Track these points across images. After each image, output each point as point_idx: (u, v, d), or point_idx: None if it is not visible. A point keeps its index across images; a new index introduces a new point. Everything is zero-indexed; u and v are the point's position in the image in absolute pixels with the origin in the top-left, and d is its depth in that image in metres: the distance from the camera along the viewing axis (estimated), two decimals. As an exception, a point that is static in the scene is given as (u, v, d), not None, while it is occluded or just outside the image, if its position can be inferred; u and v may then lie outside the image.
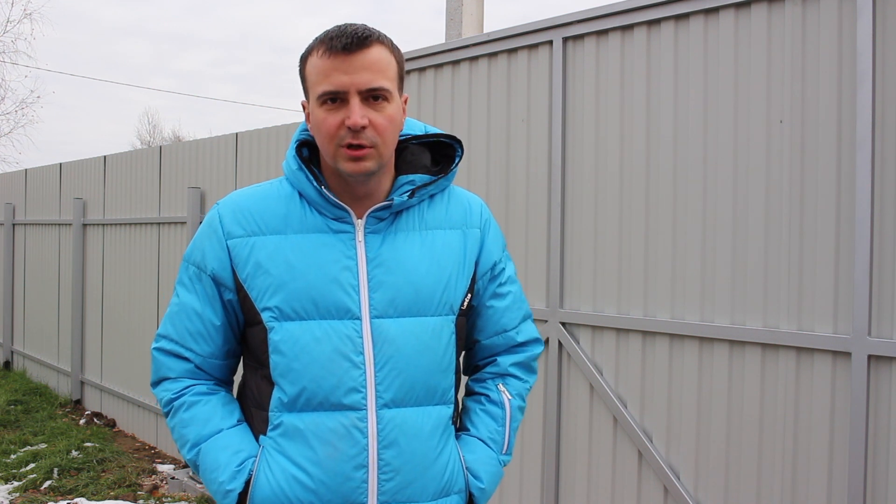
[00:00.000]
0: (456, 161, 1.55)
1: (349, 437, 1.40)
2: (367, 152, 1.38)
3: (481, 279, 1.58)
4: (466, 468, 1.54)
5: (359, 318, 1.42)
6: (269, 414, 1.45)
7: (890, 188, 2.42)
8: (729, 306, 2.77)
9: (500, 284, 1.62)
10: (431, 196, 1.54)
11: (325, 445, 1.40)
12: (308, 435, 1.41)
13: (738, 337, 2.72)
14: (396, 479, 1.42)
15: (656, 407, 2.98)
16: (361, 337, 1.42)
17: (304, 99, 1.49)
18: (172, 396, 1.51)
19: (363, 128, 1.36)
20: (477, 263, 1.57)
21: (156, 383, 1.55)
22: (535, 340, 1.70)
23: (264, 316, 1.43)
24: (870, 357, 2.44)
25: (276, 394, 1.44)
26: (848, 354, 2.48)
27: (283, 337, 1.42)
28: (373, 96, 1.38)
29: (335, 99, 1.37)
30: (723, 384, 2.78)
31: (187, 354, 1.50)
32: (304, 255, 1.43)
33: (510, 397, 1.62)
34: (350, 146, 1.37)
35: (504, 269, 1.63)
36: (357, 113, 1.36)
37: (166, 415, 1.53)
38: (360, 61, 1.36)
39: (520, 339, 1.67)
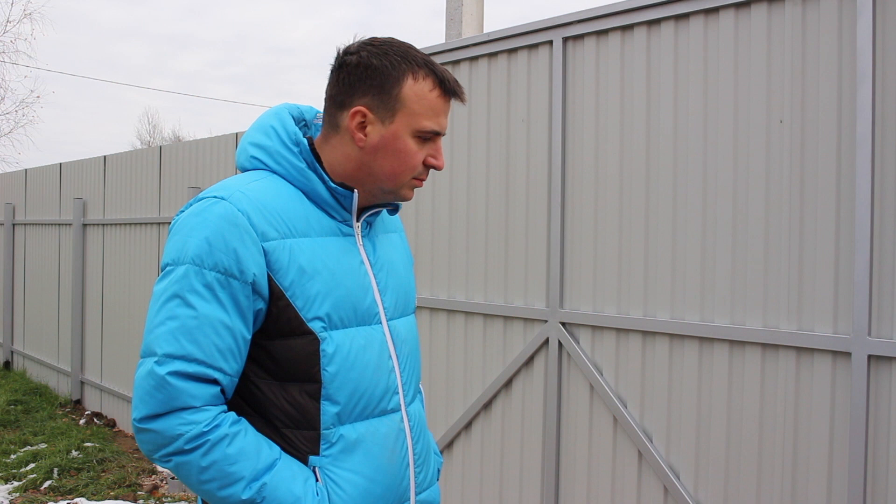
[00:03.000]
0: None
1: (398, 439, 1.46)
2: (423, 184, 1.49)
3: None
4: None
5: (381, 322, 1.46)
6: (324, 431, 1.36)
7: (890, 188, 2.42)
8: (729, 306, 2.77)
9: None
10: None
11: (384, 450, 1.43)
12: (368, 444, 1.40)
13: (738, 337, 2.72)
14: (424, 469, 1.52)
15: (656, 407, 2.98)
16: (387, 340, 1.47)
17: (362, 108, 1.39)
18: (204, 429, 1.27)
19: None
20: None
21: (160, 416, 1.27)
22: None
23: (314, 326, 1.34)
24: (870, 357, 2.44)
25: (328, 408, 1.36)
26: (848, 354, 2.48)
27: (336, 347, 1.36)
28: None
29: (428, 137, 1.43)
30: (723, 384, 2.78)
31: (216, 376, 1.29)
32: (337, 259, 1.40)
33: (422, 381, 1.81)
34: (421, 179, 1.46)
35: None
36: (443, 156, 1.46)
37: (186, 452, 1.27)
38: (450, 107, 1.45)
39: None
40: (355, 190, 1.42)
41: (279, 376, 1.36)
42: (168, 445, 1.27)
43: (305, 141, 1.42)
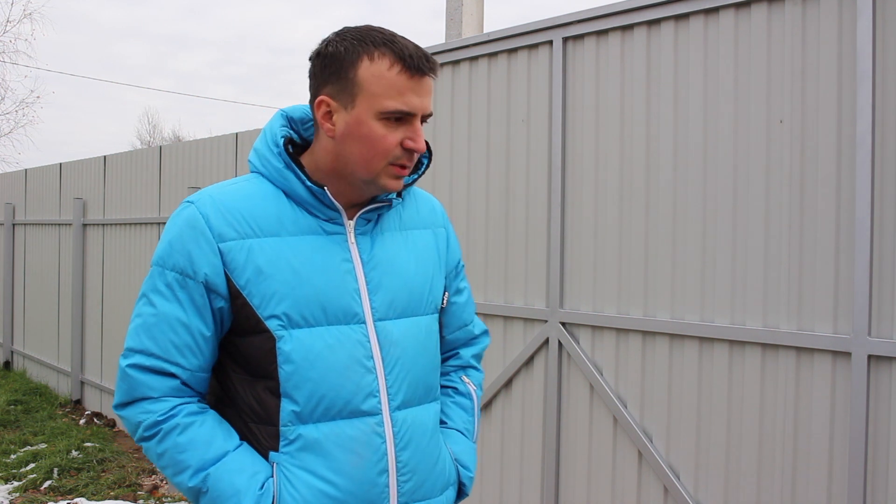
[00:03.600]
0: (426, 162, 1.57)
1: (370, 444, 1.39)
2: (407, 172, 1.42)
3: (448, 276, 1.63)
4: (455, 459, 1.58)
5: (364, 322, 1.41)
6: (282, 428, 1.38)
7: (890, 188, 2.42)
8: (729, 306, 2.77)
9: (461, 280, 1.69)
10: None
11: (349, 454, 1.38)
12: (329, 445, 1.37)
13: (738, 337, 2.72)
14: (413, 479, 1.44)
15: (656, 407, 2.98)
16: (369, 341, 1.41)
17: (325, 97, 1.39)
18: (159, 419, 1.36)
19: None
20: (446, 261, 1.63)
21: (127, 404, 1.39)
22: (486, 332, 1.77)
23: (270, 324, 1.36)
24: (870, 357, 2.44)
25: (287, 406, 1.38)
26: (848, 354, 2.48)
27: (294, 346, 1.36)
28: (422, 119, 1.40)
29: (399, 118, 1.37)
30: (723, 384, 2.78)
31: (173, 370, 1.37)
32: (306, 258, 1.39)
33: (475, 388, 1.69)
34: (402, 165, 1.39)
35: (463, 265, 1.71)
36: (422, 137, 1.38)
37: (146, 439, 1.38)
38: (427, 85, 1.38)
39: (476, 331, 1.73)
40: (325, 187, 1.40)
41: (249, 372, 1.41)
42: (135, 432, 1.40)
43: (282, 141, 1.43)
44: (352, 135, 1.37)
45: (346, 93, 1.37)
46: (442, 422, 1.62)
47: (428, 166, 1.56)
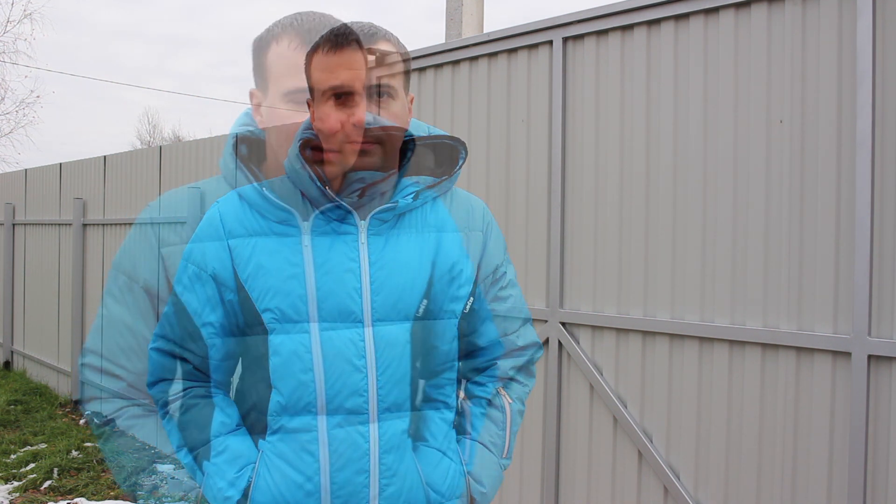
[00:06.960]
0: (459, 163, 1.54)
1: (352, 442, 1.39)
2: (372, 148, 1.39)
3: (483, 282, 1.57)
4: (468, 472, 1.53)
5: (361, 322, 1.41)
6: (268, 418, 1.42)
7: (890, 188, 2.42)
8: (729, 306, 2.77)
9: (502, 288, 1.61)
10: (434, 198, 1.53)
11: (327, 451, 1.38)
12: (309, 440, 1.39)
13: (738, 337, 2.72)
14: (396, 484, 1.42)
15: (656, 407, 2.98)
16: (364, 341, 1.40)
17: (308, 97, 1.45)
18: (169, 398, 1.48)
19: (368, 125, 1.36)
20: (479, 267, 1.56)
21: (153, 384, 1.52)
22: (535, 344, 1.68)
23: (265, 317, 1.40)
24: (870, 357, 2.44)
25: (274, 397, 1.41)
26: (848, 354, 2.48)
27: (284, 339, 1.39)
28: (377, 93, 1.38)
29: (340, 95, 1.36)
30: (723, 384, 2.78)
31: (186, 355, 1.47)
32: (308, 256, 1.41)
33: (511, 401, 1.62)
34: (356, 142, 1.37)
35: (505, 272, 1.62)
36: (362, 110, 1.36)
37: (161, 416, 1.50)
38: (363, 59, 1.36)
39: (520, 342, 1.65)
40: (327, 185, 1.40)
41: (252, 363, 1.47)
42: (157, 409, 1.51)
43: (299, 144, 1.44)
44: (315, 122, 1.41)
45: (309, 88, 1.42)
46: (467, 432, 1.58)
47: (461, 165, 1.54)
